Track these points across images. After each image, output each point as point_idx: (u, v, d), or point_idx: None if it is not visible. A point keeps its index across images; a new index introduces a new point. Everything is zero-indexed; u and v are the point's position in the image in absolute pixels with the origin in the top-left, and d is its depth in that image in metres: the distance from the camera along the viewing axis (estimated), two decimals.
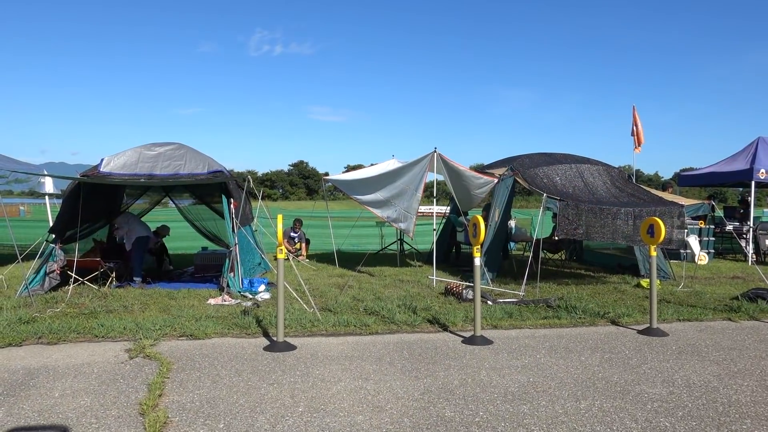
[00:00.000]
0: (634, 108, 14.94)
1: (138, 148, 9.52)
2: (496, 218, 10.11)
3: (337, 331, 6.42)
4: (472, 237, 6.23)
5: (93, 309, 7.31)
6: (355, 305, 7.73)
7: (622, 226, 8.77)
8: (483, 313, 7.00)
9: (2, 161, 10.22)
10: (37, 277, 8.42)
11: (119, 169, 9.09)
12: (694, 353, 5.68)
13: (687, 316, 7.34)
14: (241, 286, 8.71)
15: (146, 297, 8.23)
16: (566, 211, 8.86)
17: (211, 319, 6.78)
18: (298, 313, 7.04)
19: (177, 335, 6.12)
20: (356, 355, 5.50)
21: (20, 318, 6.60)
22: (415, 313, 7.18)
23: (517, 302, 7.97)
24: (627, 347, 5.88)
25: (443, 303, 8.01)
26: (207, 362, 5.18)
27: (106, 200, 10.21)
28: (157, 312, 7.24)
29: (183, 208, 12.29)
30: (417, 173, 10.19)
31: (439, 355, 5.52)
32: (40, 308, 7.32)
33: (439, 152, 10.15)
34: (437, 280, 9.80)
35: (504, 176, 10.33)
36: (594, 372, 5.03)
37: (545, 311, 7.48)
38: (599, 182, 10.38)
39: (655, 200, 9.73)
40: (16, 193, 34.18)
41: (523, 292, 8.65)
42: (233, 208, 9.15)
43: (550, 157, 10.90)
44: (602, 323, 6.97)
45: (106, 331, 6.12)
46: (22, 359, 5.23)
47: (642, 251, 10.54)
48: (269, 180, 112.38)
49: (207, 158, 9.65)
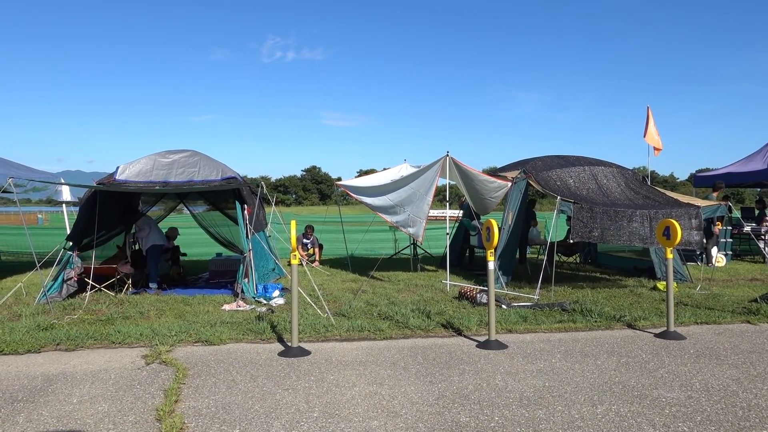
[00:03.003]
0: (648, 109, 14.81)
1: (153, 156, 9.64)
2: (510, 221, 10.06)
3: (351, 336, 6.42)
4: (485, 241, 6.21)
5: (110, 315, 7.39)
6: (368, 310, 7.73)
7: (638, 228, 8.68)
8: (497, 318, 6.97)
9: (20, 170, 10.38)
10: (55, 285, 8.54)
11: (134, 177, 9.20)
12: (712, 357, 5.60)
13: (705, 319, 7.24)
14: (256, 291, 8.75)
15: (162, 303, 8.30)
16: (580, 214, 8.80)
17: (226, 324, 6.82)
18: (312, 319, 7.06)
19: (192, 341, 6.17)
20: (370, 360, 5.50)
21: (39, 325, 6.70)
22: (429, 318, 7.17)
23: (532, 306, 7.92)
24: (644, 351, 5.81)
25: (457, 307, 7.99)
26: (222, 368, 5.21)
27: (122, 207, 10.33)
28: (173, 318, 7.30)
29: (197, 215, 12.40)
30: (428, 177, 10.17)
31: (453, 359, 5.50)
32: (58, 315, 7.41)
33: (451, 156, 10.13)
34: (451, 285, 9.77)
35: (517, 179, 10.29)
36: (610, 376, 4.98)
37: (560, 315, 7.42)
38: (613, 184, 10.30)
39: (670, 202, 9.63)
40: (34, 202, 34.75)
41: (537, 296, 8.60)
42: (247, 214, 9.21)
43: (563, 160, 10.84)
44: (618, 327, 6.90)
45: (122, 338, 6.18)
46: (41, 366, 5.30)
47: (658, 254, 10.43)
48: (282, 185, 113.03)
49: (221, 165, 9.73)
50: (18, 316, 7.36)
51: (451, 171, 10.47)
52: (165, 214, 12.79)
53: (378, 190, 10.65)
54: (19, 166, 10.97)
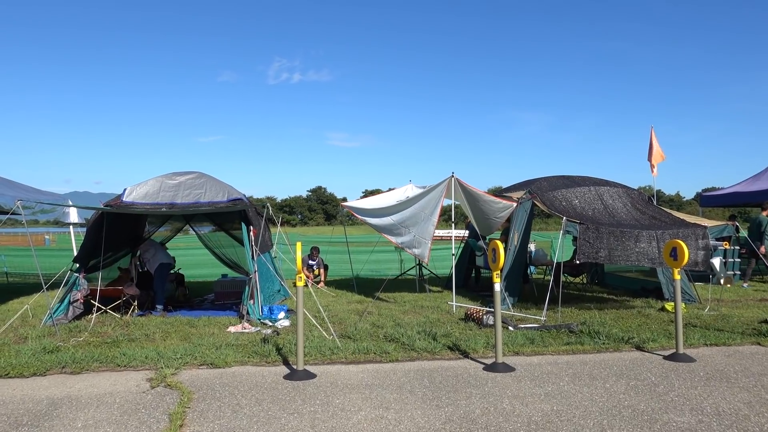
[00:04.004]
0: (651, 129, 14.85)
1: (160, 178, 9.71)
2: (516, 242, 10.04)
3: (357, 358, 6.38)
4: (491, 262, 6.19)
5: (115, 338, 7.38)
6: (374, 332, 7.69)
7: (645, 248, 8.64)
8: (504, 339, 6.91)
9: (29, 192, 10.47)
10: (62, 306, 8.55)
11: (141, 199, 9.26)
12: (722, 379, 5.53)
13: (714, 340, 7.16)
14: (261, 313, 8.73)
15: (167, 325, 8.29)
16: (587, 235, 8.77)
17: (231, 347, 6.79)
18: (317, 341, 7.02)
19: (197, 364, 6.14)
20: (376, 383, 5.46)
21: (44, 347, 6.69)
22: (435, 340, 7.12)
23: (539, 328, 7.85)
24: (653, 374, 5.74)
25: (463, 329, 7.93)
26: (227, 391, 5.18)
27: (128, 229, 10.38)
28: (178, 340, 7.29)
29: (203, 236, 12.42)
30: (433, 198, 10.19)
31: (460, 383, 5.45)
32: (63, 337, 7.41)
33: (456, 177, 10.16)
34: (457, 306, 9.72)
35: (522, 200, 10.29)
36: (619, 400, 4.92)
37: (568, 337, 7.36)
38: (619, 204, 10.28)
39: (677, 222, 9.59)
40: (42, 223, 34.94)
41: (544, 317, 8.54)
42: (253, 235, 9.23)
43: (568, 180, 10.84)
44: (627, 349, 6.83)
45: (128, 361, 6.16)
46: (46, 389, 5.28)
47: (665, 274, 10.35)
48: (288, 206, 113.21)
49: (227, 186, 9.79)
50: (24, 339, 7.36)
51: (456, 192, 10.48)
52: (171, 234, 12.83)
53: (383, 211, 10.67)
54: (27, 188, 11.06)
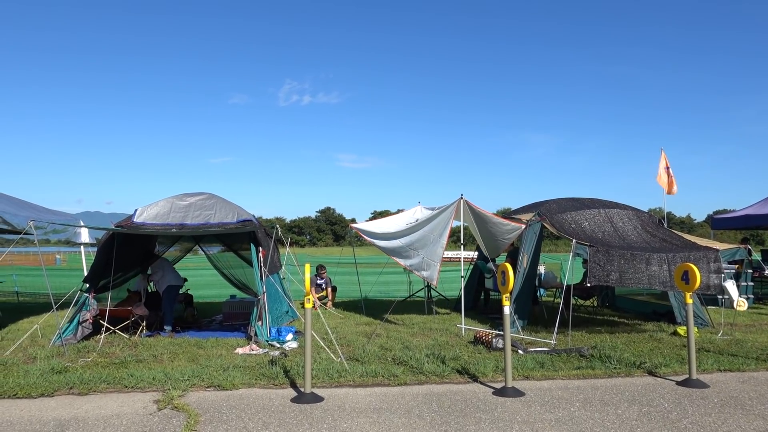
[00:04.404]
0: (662, 151, 14.82)
1: (170, 199, 9.79)
2: (525, 264, 9.99)
3: (365, 381, 6.33)
4: (501, 285, 6.16)
5: (123, 358, 7.38)
6: (382, 354, 7.64)
7: (657, 271, 8.56)
8: (514, 363, 6.83)
9: (41, 213, 10.58)
10: (71, 327, 8.58)
11: (152, 219, 9.33)
12: (737, 406, 5.42)
13: (728, 366, 7.04)
14: (269, 335, 8.71)
15: (175, 346, 8.28)
16: (597, 257, 8.71)
17: (239, 369, 6.76)
18: (325, 363, 6.98)
19: (205, 386, 6.11)
20: (384, 407, 5.40)
21: (53, 367, 6.70)
22: (444, 363, 7.05)
23: (549, 351, 7.77)
24: (666, 400, 5.65)
25: (472, 352, 7.86)
26: (234, 414, 5.15)
27: (139, 249, 10.44)
28: (186, 361, 7.27)
29: (212, 256, 12.48)
30: (442, 220, 10.18)
31: (469, 407, 5.38)
32: (72, 358, 7.42)
33: (465, 199, 10.16)
34: (466, 329, 9.64)
35: (531, 222, 10.25)
36: (632, 427, 4.83)
37: (578, 361, 7.27)
38: (629, 227, 10.22)
39: (688, 245, 9.51)
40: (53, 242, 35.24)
41: (554, 341, 8.45)
42: (261, 256, 9.25)
43: (577, 202, 10.81)
44: (639, 374, 6.73)
45: (135, 382, 6.15)
46: (53, 410, 5.28)
47: (677, 297, 10.23)
48: (297, 226, 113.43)
49: (236, 207, 9.85)
50: (33, 359, 7.37)
51: (465, 213, 10.47)
52: (181, 255, 12.90)
53: (392, 235, 10.66)
54: (39, 209, 11.17)
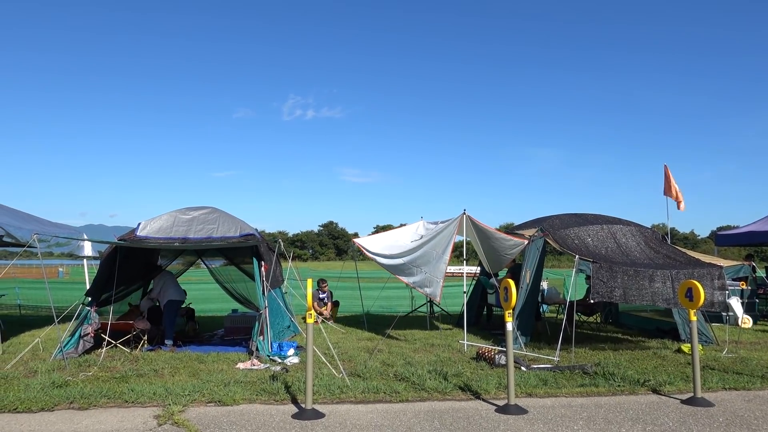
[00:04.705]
0: (666, 167, 14.80)
1: (174, 213, 9.82)
2: (528, 280, 9.95)
3: (367, 398, 6.29)
4: (503, 301, 6.14)
5: (124, 373, 7.35)
6: (384, 370, 7.59)
7: (660, 288, 8.52)
8: (516, 380, 6.78)
9: (45, 226, 10.61)
10: (72, 340, 8.56)
11: (155, 233, 9.34)
12: (743, 425, 5.36)
13: (733, 384, 6.97)
14: (270, 350, 8.67)
15: (176, 360, 8.24)
16: (600, 273, 8.67)
17: (240, 384, 6.72)
18: (326, 379, 6.94)
19: (206, 401, 6.08)
20: (386, 424, 5.36)
21: (54, 381, 6.67)
22: (446, 380, 7.00)
23: (552, 368, 7.71)
24: (670, 419, 5.59)
25: (475, 369, 7.80)
26: (235, 430, 5.11)
27: (141, 262, 10.45)
28: (187, 376, 7.23)
29: (214, 269, 12.46)
30: (445, 237, 10.16)
31: (471, 425, 5.34)
32: (73, 372, 7.39)
33: (468, 214, 10.16)
34: (468, 345, 9.59)
35: (534, 237, 10.24)
36: None
37: (582, 378, 7.21)
38: (632, 243, 10.19)
39: (692, 262, 9.47)
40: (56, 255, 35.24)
41: (557, 358, 8.39)
42: (264, 270, 9.24)
43: (580, 218, 10.80)
44: (643, 392, 6.67)
45: (136, 397, 6.12)
46: (53, 425, 5.25)
47: (681, 314, 10.17)
48: (299, 240, 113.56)
49: (239, 221, 9.86)
50: (34, 373, 7.35)
51: (468, 229, 10.47)
52: (184, 268, 12.89)
53: (394, 255, 10.63)
54: (43, 222, 11.21)
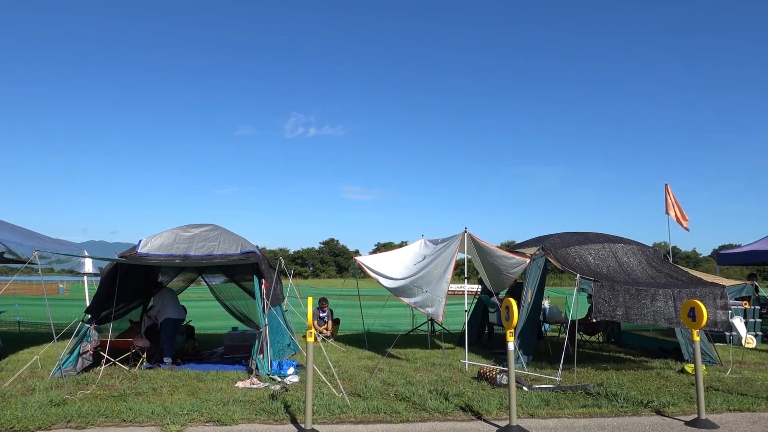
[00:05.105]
0: (666, 186, 14.81)
1: (175, 230, 9.82)
2: (529, 299, 9.90)
3: (367, 418, 6.22)
4: (504, 320, 6.10)
5: (123, 391, 7.29)
6: (385, 390, 7.52)
7: (662, 307, 8.47)
8: (518, 400, 6.71)
9: (46, 242, 10.61)
10: (71, 358, 8.51)
11: (156, 250, 9.34)
12: None
13: (738, 405, 6.89)
14: (270, 368, 8.61)
15: (175, 379, 8.18)
16: (602, 292, 8.64)
17: (239, 403, 6.66)
18: (326, 398, 6.88)
19: (204, 421, 6.02)
20: None
21: (51, 400, 6.62)
22: (448, 400, 6.94)
23: (554, 388, 7.64)
24: None
25: (476, 388, 7.73)
26: None
27: (142, 279, 10.42)
28: (186, 395, 7.17)
29: (214, 287, 12.42)
30: (447, 256, 10.12)
31: None
32: (71, 390, 7.33)
33: (469, 232, 10.15)
34: (470, 364, 9.51)
35: (535, 256, 10.21)
36: None
37: (584, 399, 7.14)
38: (634, 262, 10.16)
39: (694, 281, 9.43)
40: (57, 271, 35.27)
41: (559, 378, 8.32)
42: (264, 288, 9.21)
43: (582, 237, 10.78)
44: (646, 413, 6.59)
45: (134, 416, 6.06)
46: None
47: (684, 334, 10.10)
48: (300, 257, 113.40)
49: (240, 239, 9.85)
50: (32, 391, 7.29)
51: (469, 247, 10.45)
52: (185, 285, 12.86)
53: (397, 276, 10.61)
54: (44, 238, 11.20)
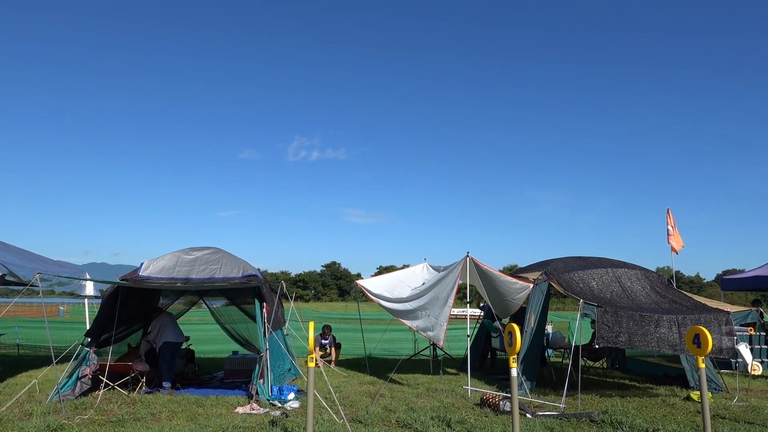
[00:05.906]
0: (668, 211, 14.81)
1: (176, 253, 9.81)
2: (532, 324, 9.83)
3: None
4: (507, 346, 6.04)
5: (121, 416, 7.20)
6: (386, 416, 7.42)
7: (666, 334, 8.39)
8: (522, 428, 6.62)
9: (48, 265, 10.60)
10: (69, 382, 8.43)
11: (157, 273, 9.32)
12: None
13: None
14: (270, 393, 8.51)
15: (174, 404, 8.09)
16: (605, 318, 8.57)
17: (239, 429, 6.58)
18: (327, 425, 6.78)
19: None
20: None
21: (48, 425, 6.54)
22: (450, 427, 6.84)
23: (558, 416, 7.53)
24: None
25: (479, 415, 7.63)
26: None
27: (143, 302, 10.39)
28: (185, 421, 7.08)
29: (215, 310, 12.36)
30: (449, 281, 10.08)
31: None
32: (69, 415, 7.25)
33: (471, 257, 10.12)
34: (472, 390, 9.40)
35: (538, 281, 10.17)
36: None
37: (589, 426, 7.03)
38: (638, 287, 10.10)
39: (698, 307, 9.36)
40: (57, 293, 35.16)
41: (563, 404, 8.20)
42: (266, 312, 9.16)
43: (585, 261, 10.74)
44: None
45: None
46: None
47: (689, 360, 9.99)
48: (302, 281, 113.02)
49: (242, 262, 9.83)
50: (29, 415, 7.21)
51: (472, 272, 10.40)
52: (186, 308, 12.80)
53: (398, 299, 10.56)
54: (46, 260, 11.20)
